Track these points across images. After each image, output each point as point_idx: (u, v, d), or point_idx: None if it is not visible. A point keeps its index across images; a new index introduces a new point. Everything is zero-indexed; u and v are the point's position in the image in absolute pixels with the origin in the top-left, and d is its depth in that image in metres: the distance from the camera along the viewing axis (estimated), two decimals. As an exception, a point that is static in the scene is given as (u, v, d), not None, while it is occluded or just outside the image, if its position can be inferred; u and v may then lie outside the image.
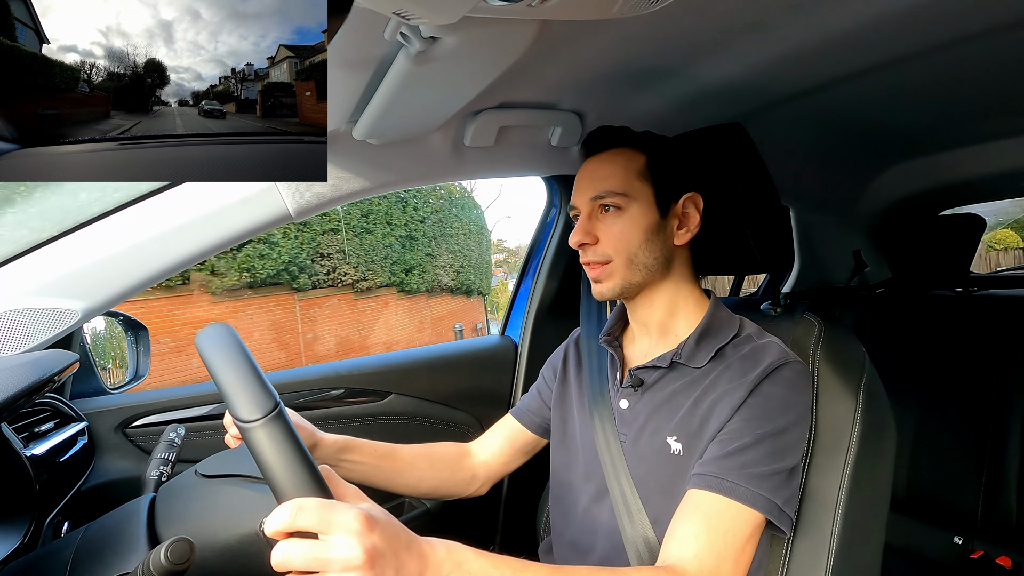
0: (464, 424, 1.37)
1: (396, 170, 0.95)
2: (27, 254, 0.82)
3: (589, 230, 0.81)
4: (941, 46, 0.81)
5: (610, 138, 0.84)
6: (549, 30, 0.68)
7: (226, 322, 0.55)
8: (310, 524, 0.45)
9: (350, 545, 0.44)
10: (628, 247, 0.79)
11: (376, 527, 0.46)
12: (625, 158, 0.81)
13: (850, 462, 0.77)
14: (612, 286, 0.81)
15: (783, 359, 0.74)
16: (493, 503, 1.40)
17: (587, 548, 0.83)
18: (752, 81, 0.94)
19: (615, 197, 0.79)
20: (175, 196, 0.87)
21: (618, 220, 0.80)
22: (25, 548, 0.65)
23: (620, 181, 0.79)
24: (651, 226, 0.80)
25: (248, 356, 0.51)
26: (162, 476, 0.76)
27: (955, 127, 1.27)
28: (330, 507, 0.46)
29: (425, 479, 0.93)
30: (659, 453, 0.76)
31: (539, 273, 1.43)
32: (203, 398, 1.13)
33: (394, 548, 0.47)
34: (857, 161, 1.51)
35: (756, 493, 0.67)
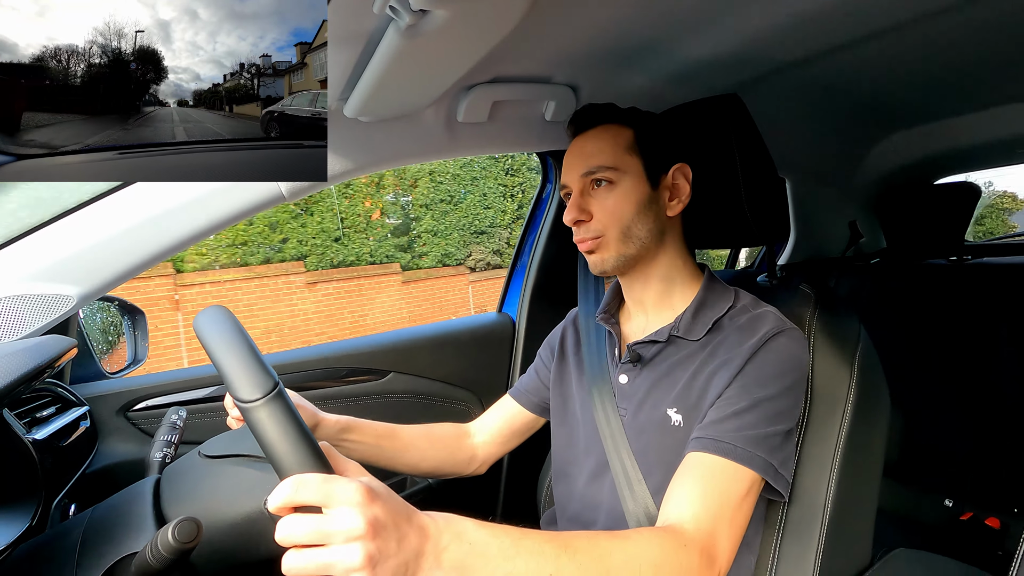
0: (463, 401, 1.39)
1: (388, 148, 0.94)
2: (21, 239, 0.81)
3: (583, 206, 0.80)
4: (934, 13, 0.80)
5: (596, 115, 0.83)
6: (542, 2, 0.67)
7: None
8: (312, 498, 0.45)
9: (352, 517, 0.45)
10: (622, 220, 0.79)
11: (377, 499, 0.47)
12: (612, 133, 0.81)
13: (844, 430, 0.79)
14: (607, 257, 0.81)
15: (779, 327, 0.75)
16: (494, 478, 1.42)
17: (589, 522, 0.84)
18: (747, 52, 0.92)
19: (606, 171, 0.79)
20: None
21: (611, 194, 0.80)
22: (34, 530, 0.66)
23: (610, 155, 0.80)
24: (643, 198, 0.80)
25: (246, 337, 0.51)
26: (166, 458, 0.77)
27: (950, 95, 1.26)
28: (331, 481, 0.46)
29: (425, 459, 0.94)
30: (659, 425, 0.77)
31: (535, 249, 1.43)
32: (203, 380, 1.13)
33: (395, 520, 0.48)
34: (852, 131, 1.50)
35: (753, 453, 0.68)
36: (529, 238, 1.46)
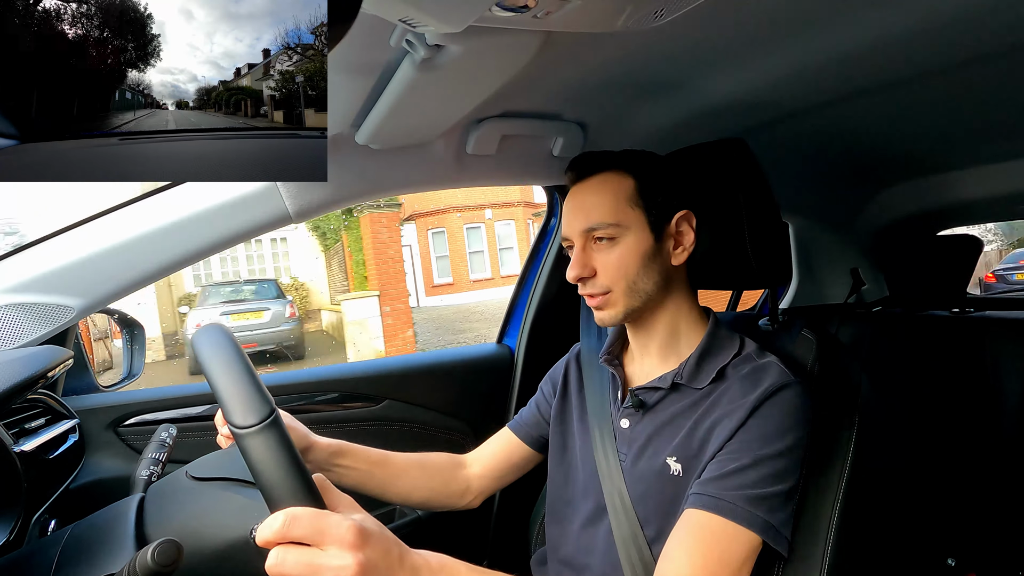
0: (459, 432, 1.37)
1: (398, 176, 0.96)
2: (24, 250, 0.82)
3: (586, 263, 0.79)
4: (941, 69, 0.81)
5: (595, 163, 0.81)
6: (553, 41, 0.68)
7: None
8: (303, 534, 0.45)
9: (343, 557, 0.44)
10: (627, 276, 0.77)
11: (369, 540, 0.46)
12: (613, 185, 0.78)
13: (844, 481, 0.77)
14: (615, 313, 0.79)
15: (783, 381, 0.73)
16: (485, 514, 1.39)
17: (582, 567, 0.82)
18: (754, 98, 0.94)
19: (608, 228, 0.77)
20: (175, 194, 0.86)
21: (614, 250, 0.77)
22: (10, 546, 0.64)
23: (610, 210, 0.77)
24: (647, 251, 0.78)
25: (245, 360, 0.51)
26: (152, 476, 0.75)
27: (954, 148, 1.28)
28: (323, 518, 0.45)
29: (418, 488, 0.91)
30: (658, 474, 0.76)
31: (537, 281, 1.43)
32: (196, 398, 1.12)
33: (387, 562, 0.47)
34: (856, 180, 1.52)
35: (753, 514, 0.66)
36: (532, 270, 1.47)
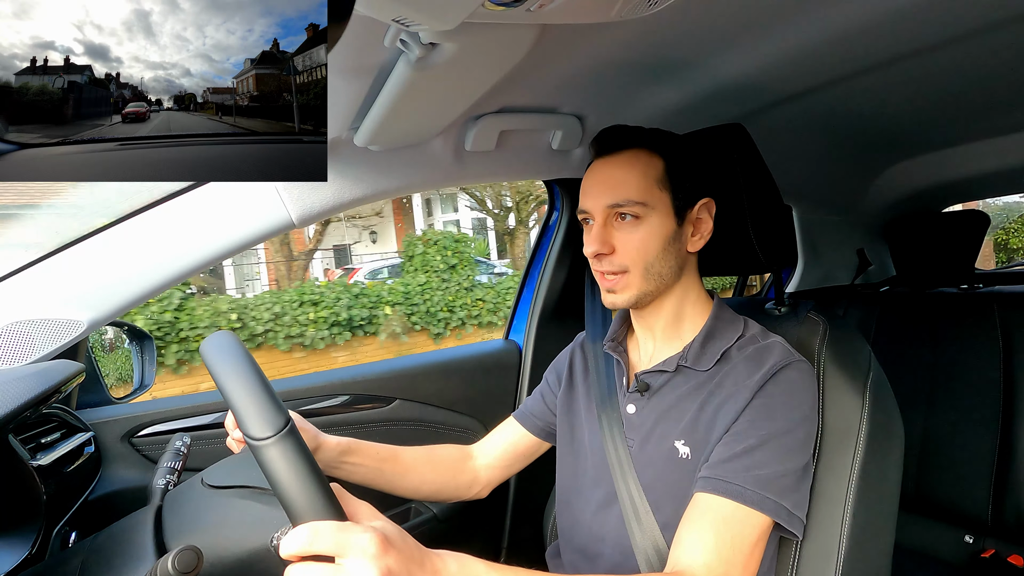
0: (469, 429, 1.37)
1: (398, 176, 0.96)
2: (32, 266, 0.83)
3: (605, 239, 0.76)
4: (942, 43, 0.80)
5: (625, 138, 0.78)
6: (548, 34, 0.68)
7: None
8: (327, 548, 0.45)
9: (366, 568, 0.45)
10: (646, 258, 0.76)
11: (391, 549, 0.47)
12: (643, 163, 0.76)
13: (858, 462, 0.77)
14: (628, 297, 0.78)
15: (787, 359, 0.73)
16: (500, 508, 1.40)
17: (595, 554, 0.82)
18: (752, 81, 0.94)
19: (634, 206, 0.74)
20: (179, 206, 0.87)
21: (637, 230, 0.75)
22: (33, 559, 0.65)
23: (639, 189, 0.74)
24: (668, 235, 0.76)
25: (256, 369, 0.51)
26: (168, 485, 0.76)
27: (957, 124, 1.26)
28: (346, 530, 0.46)
29: (427, 482, 0.92)
30: (667, 458, 0.76)
31: (542, 277, 1.43)
32: (209, 407, 1.13)
33: (409, 568, 0.48)
34: (859, 159, 1.51)
35: (764, 496, 0.66)
36: (536, 265, 1.47)
